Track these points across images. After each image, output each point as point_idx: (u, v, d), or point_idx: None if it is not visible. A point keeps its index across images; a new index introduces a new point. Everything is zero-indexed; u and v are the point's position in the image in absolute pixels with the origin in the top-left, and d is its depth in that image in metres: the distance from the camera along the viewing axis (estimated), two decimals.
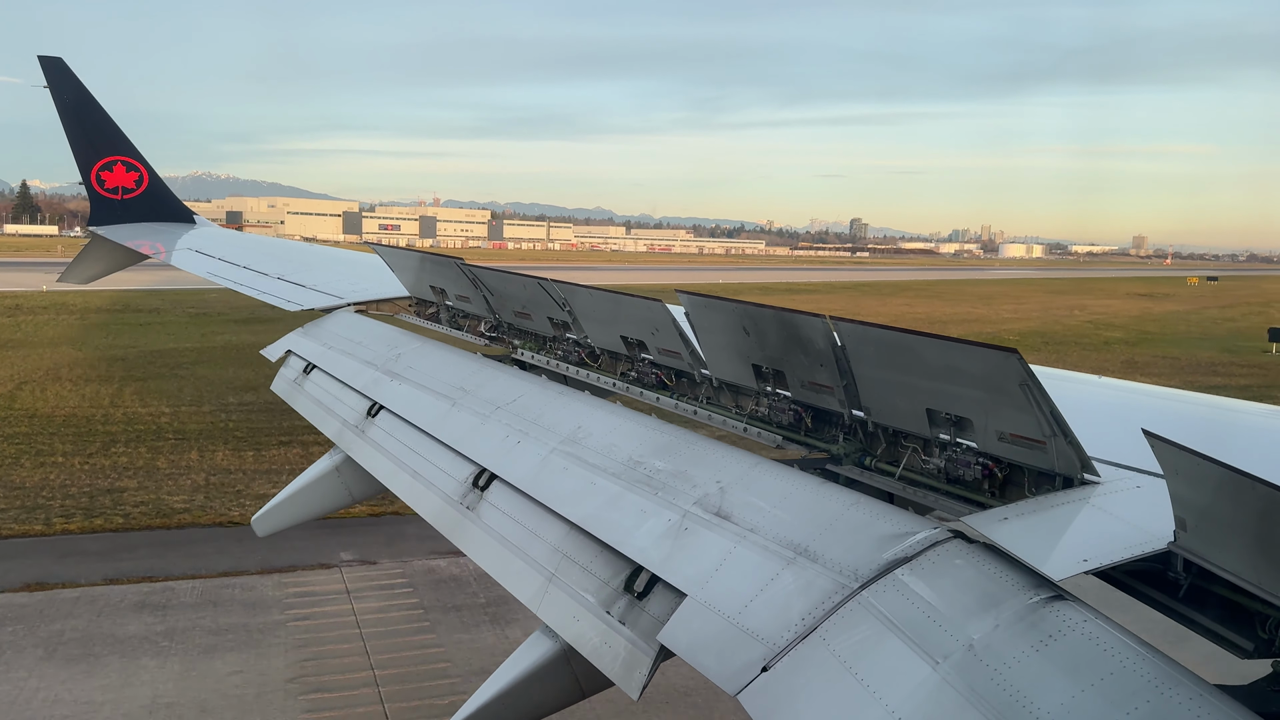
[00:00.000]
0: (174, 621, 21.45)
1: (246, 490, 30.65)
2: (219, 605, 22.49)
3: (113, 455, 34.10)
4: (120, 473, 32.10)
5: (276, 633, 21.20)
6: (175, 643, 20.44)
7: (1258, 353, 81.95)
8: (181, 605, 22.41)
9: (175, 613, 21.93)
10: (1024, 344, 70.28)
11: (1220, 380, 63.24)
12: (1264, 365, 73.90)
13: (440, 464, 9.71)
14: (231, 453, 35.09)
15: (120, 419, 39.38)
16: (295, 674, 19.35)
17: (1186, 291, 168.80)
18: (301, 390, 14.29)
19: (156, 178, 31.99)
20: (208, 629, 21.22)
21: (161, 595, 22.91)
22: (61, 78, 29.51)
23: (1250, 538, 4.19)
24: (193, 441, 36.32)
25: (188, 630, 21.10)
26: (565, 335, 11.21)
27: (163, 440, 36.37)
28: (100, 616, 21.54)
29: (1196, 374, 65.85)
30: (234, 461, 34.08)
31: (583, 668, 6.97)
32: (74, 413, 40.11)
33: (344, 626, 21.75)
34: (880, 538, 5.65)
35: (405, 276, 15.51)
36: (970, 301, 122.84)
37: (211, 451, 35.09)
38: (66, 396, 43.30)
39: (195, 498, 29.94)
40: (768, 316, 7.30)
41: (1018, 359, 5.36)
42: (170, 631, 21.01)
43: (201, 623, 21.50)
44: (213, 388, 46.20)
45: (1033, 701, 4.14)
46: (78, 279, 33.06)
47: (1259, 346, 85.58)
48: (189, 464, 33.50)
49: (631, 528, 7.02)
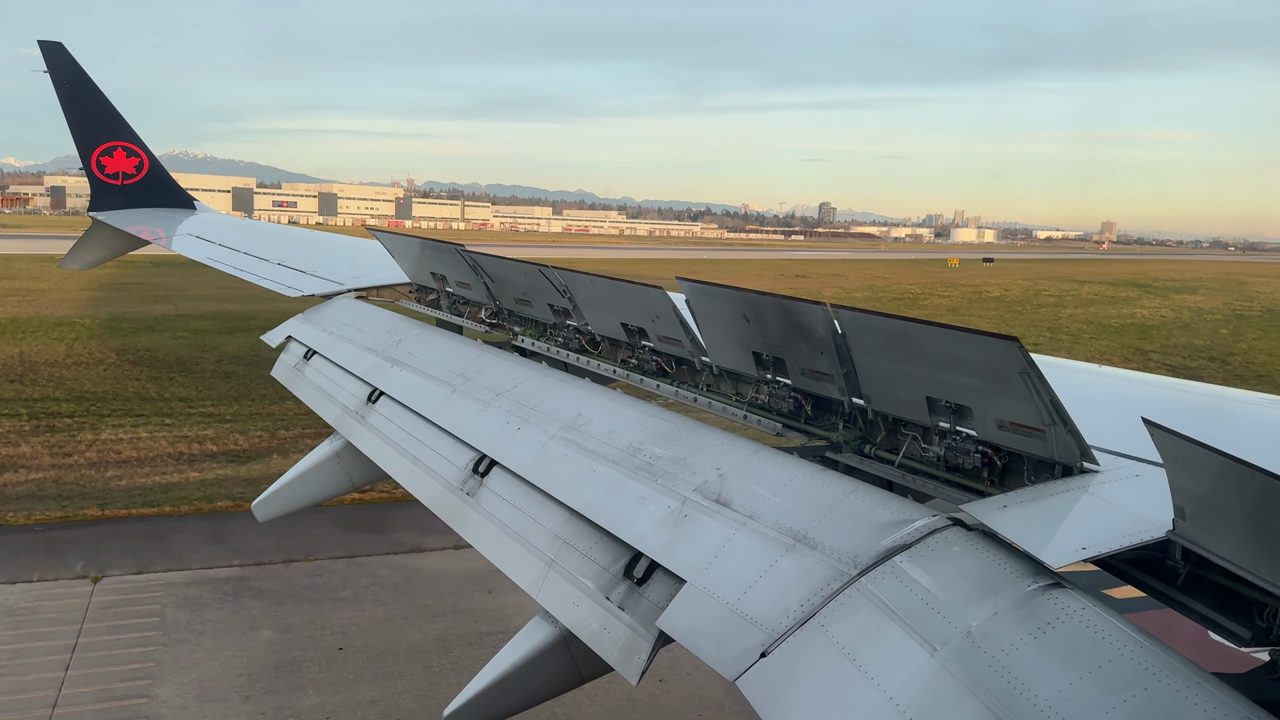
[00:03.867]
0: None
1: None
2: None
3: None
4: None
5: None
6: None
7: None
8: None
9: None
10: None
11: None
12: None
13: (441, 450, 9.72)
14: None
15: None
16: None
17: (916, 271, 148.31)
18: (302, 376, 14.29)
19: (157, 163, 31.94)
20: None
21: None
22: (61, 62, 29.42)
23: (1248, 526, 4.20)
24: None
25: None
26: (566, 322, 11.20)
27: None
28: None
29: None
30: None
31: (582, 653, 7.00)
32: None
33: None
34: (879, 525, 5.66)
35: (406, 263, 15.49)
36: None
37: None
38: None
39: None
40: (768, 304, 7.29)
41: (1018, 347, 5.35)
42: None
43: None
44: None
45: (1030, 688, 4.16)
46: (79, 263, 33.08)
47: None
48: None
49: (631, 514, 7.03)
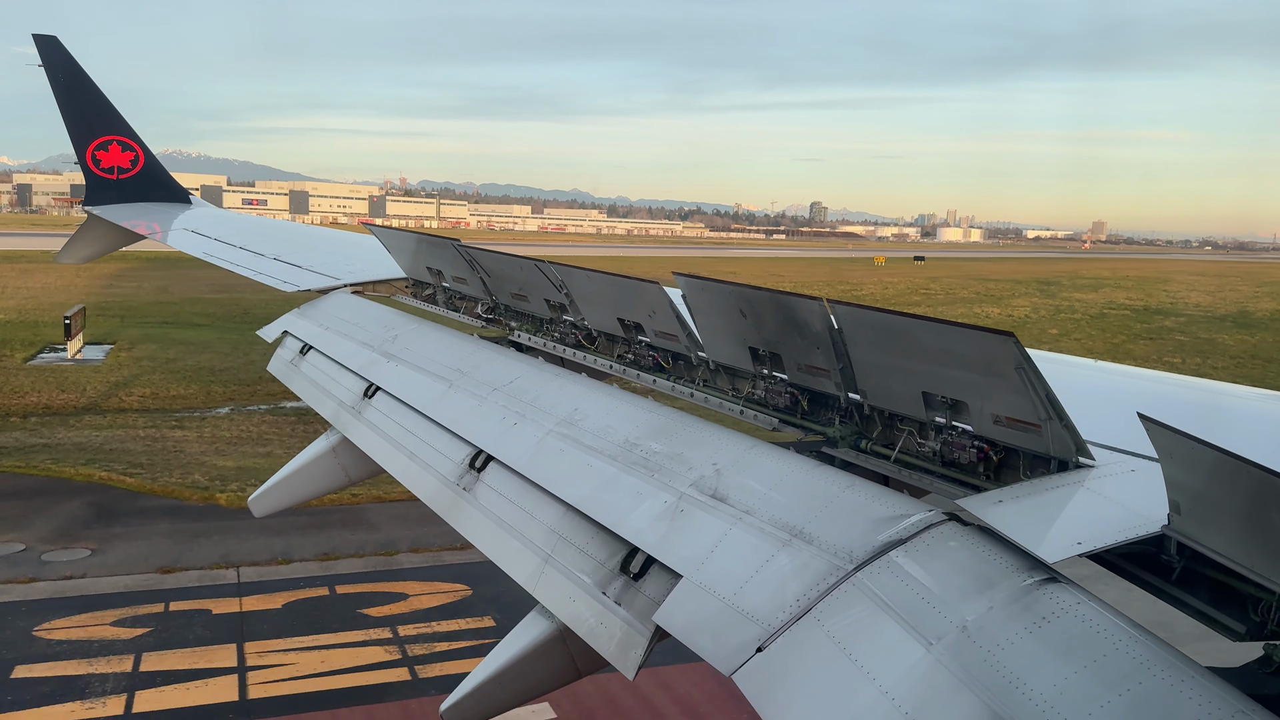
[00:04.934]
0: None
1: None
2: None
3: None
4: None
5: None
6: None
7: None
8: None
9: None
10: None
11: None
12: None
13: (437, 445, 9.71)
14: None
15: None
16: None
17: (828, 269, 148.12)
18: (298, 371, 14.27)
19: (152, 158, 31.84)
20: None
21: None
22: (56, 56, 29.29)
23: (1243, 521, 4.21)
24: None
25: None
26: (562, 317, 11.19)
27: None
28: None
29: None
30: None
31: (579, 648, 7.00)
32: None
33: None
34: (875, 520, 5.67)
35: (402, 258, 15.47)
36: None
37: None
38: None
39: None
40: (764, 299, 7.29)
41: (1014, 342, 5.36)
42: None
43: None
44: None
45: (1025, 683, 4.17)
46: (74, 258, 32.98)
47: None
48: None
49: (628, 509, 7.03)
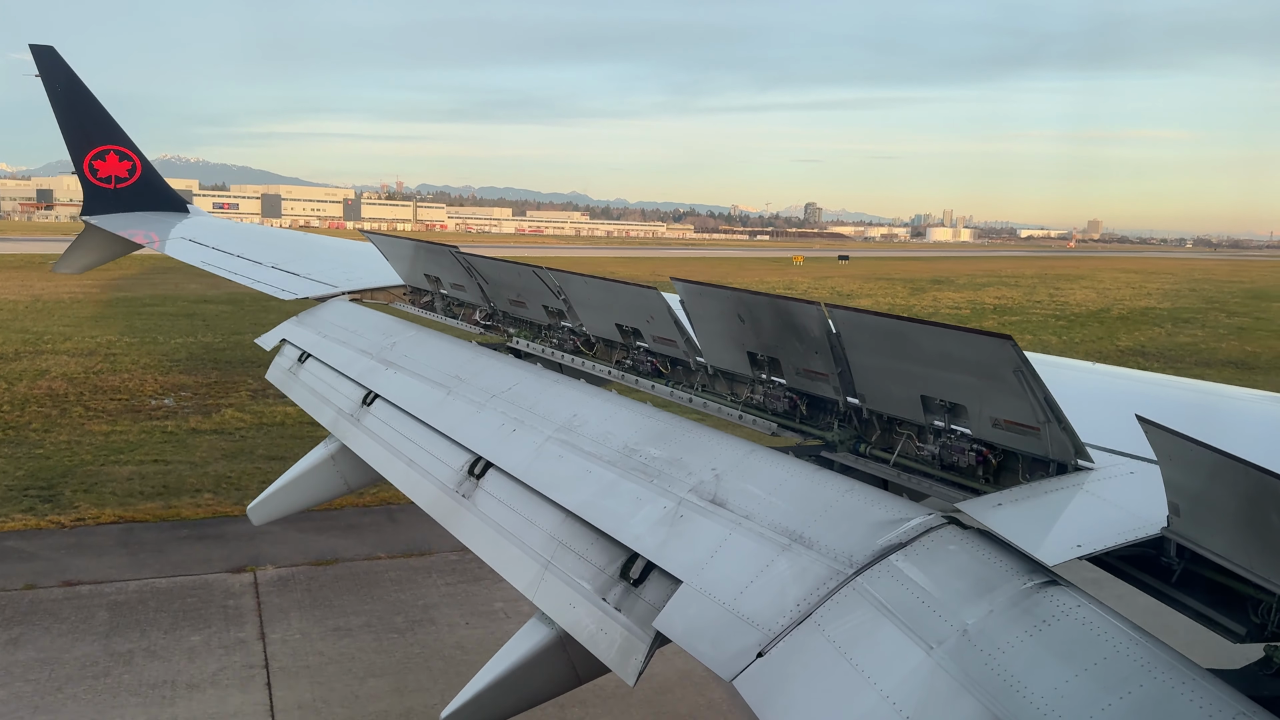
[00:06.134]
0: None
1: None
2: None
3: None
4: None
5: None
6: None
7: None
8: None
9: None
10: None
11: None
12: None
13: (436, 452, 9.70)
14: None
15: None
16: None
17: (736, 268, 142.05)
18: (296, 379, 14.26)
19: (150, 167, 31.86)
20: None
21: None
22: (53, 67, 29.33)
23: (1243, 522, 4.21)
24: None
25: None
26: (560, 323, 11.20)
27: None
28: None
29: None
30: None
31: (579, 654, 6.98)
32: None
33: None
34: (875, 524, 5.66)
35: (400, 265, 15.47)
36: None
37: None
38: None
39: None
40: (762, 304, 7.30)
41: (1012, 345, 5.36)
42: None
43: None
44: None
45: (1026, 686, 4.16)
46: (72, 268, 32.96)
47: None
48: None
49: (627, 515, 7.02)
